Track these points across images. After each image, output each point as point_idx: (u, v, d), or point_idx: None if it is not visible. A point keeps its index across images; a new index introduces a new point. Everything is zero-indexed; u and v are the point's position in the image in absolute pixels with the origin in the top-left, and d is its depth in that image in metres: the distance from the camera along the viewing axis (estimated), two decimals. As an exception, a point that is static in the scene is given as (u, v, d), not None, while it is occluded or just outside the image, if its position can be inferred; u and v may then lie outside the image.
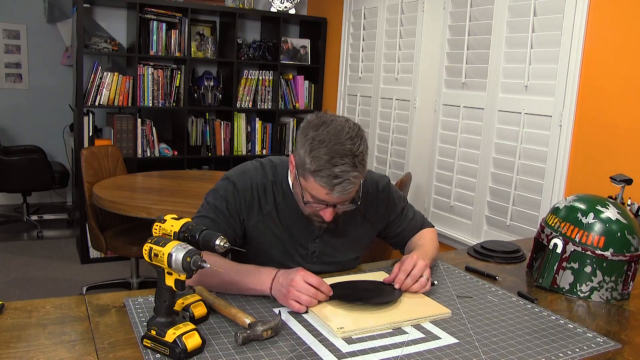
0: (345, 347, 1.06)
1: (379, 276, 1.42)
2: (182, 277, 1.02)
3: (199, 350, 1.01)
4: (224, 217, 1.37)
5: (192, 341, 1.00)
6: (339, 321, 1.15)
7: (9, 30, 4.99)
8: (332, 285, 1.28)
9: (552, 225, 1.47)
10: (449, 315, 1.23)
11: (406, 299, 1.29)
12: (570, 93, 2.34)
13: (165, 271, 1.03)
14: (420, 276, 1.32)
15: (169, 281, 1.03)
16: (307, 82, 4.50)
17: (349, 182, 1.21)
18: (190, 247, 1.01)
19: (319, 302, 1.22)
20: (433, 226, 1.68)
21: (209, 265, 1.02)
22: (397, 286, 1.31)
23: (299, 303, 1.19)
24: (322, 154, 1.20)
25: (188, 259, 0.99)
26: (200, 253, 1.02)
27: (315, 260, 1.47)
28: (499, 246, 1.74)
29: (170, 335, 0.99)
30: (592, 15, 2.26)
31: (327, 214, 1.29)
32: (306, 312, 1.20)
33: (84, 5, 3.73)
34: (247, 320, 1.08)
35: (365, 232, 1.54)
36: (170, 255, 1.00)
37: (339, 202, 1.28)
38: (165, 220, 1.11)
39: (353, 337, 1.11)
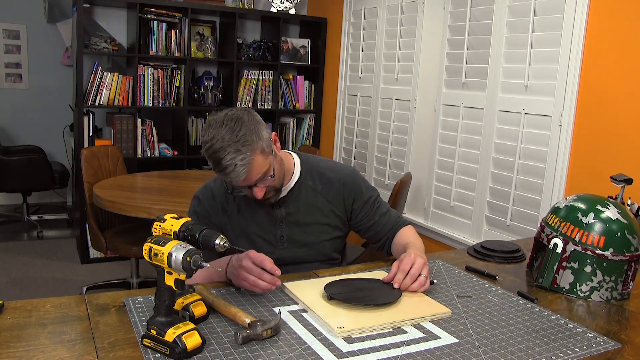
0: (345, 347, 1.06)
1: (378, 275, 1.42)
2: (182, 276, 1.02)
3: (198, 350, 1.01)
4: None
5: (192, 341, 1.00)
6: (338, 320, 1.15)
7: (9, 30, 4.99)
8: (331, 284, 1.29)
9: (552, 225, 1.47)
10: (449, 314, 1.23)
11: (406, 299, 1.29)
12: (570, 93, 2.34)
13: (165, 271, 1.03)
14: (419, 275, 1.33)
15: (169, 281, 1.03)
16: (307, 82, 4.50)
17: (239, 166, 1.32)
18: (190, 247, 1.01)
19: (271, 284, 1.27)
20: (410, 223, 1.69)
21: (208, 265, 1.02)
22: (396, 286, 1.32)
23: (248, 283, 1.27)
24: (211, 153, 1.34)
25: (188, 259, 0.99)
26: (200, 253, 1.02)
27: (286, 245, 1.55)
28: (499, 246, 1.74)
29: (170, 334, 0.99)
30: (592, 15, 2.26)
31: (256, 193, 1.41)
32: (262, 292, 1.28)
33: (84, 5, 3.73)
34: (247, 320, 1.08)
35: (331, 215, 1.60)
36: (170, 254, 1.00)
37: (251, 183, 1.39)
38: (165, 219, 1.11)
39: (353, 336, 1.11)
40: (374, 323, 1.15)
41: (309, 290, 1.31)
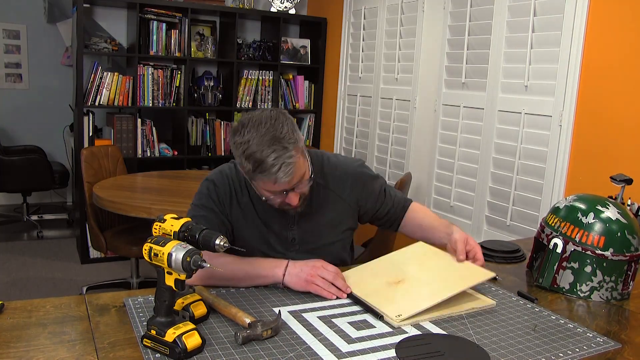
0: (345, 347, 1.06)
1: (418, 250, 1.50)
2: (182, 276, 1.02)
3: (198, 350, 1.01)
4: (214, 214, 1.45)
5: (192, 341, 1.00)
6: (393, 308, 1.19)
7: (9, 30, 4.99)
8: (404, 343, 1.12)
9: (552, 225, 1.47)
10: (492, 275, 1.36)
11: (447, 272, 1.36)
12: (570, 93, 2.34)
13: (165, 271, 1.03)
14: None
15: (169, 281, 1.03)
16: (307, 82, 4.50)
17: (286, 165, 1.26)
18: (190, 247, 1.01)
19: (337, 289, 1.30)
20: (412, 200, 1.71)
21: (208, 265, 1.02)
22: (462, 258, 1.40)
23: (318, 286, 1.29)
24: (252, 152, 1.26)
25: (188, 259, 0.99)
26: (200, 253, 1.02)
27: (298, 248, 1.50)
28: (499, 246, 1.74)
29: (170, 334, 0.99)
30: (592, 15, 2.26)
31: (292, 199, 1.35)
32: (335, 298, 1.29)
33: (84, 5, 3.73)
34: (247, 320, 1.08)
35: (344, 212, 1.57)
36: (170, 255, 1.00)
37: (293, 185, 1.32)
38: (165, 220, 1.11)
39: (353, 336, 1.11)
40: (429, 303, 1.21)
41: (355, 280, 1.36)
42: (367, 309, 1.23)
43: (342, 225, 1.58)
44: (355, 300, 1.28)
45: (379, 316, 1.19)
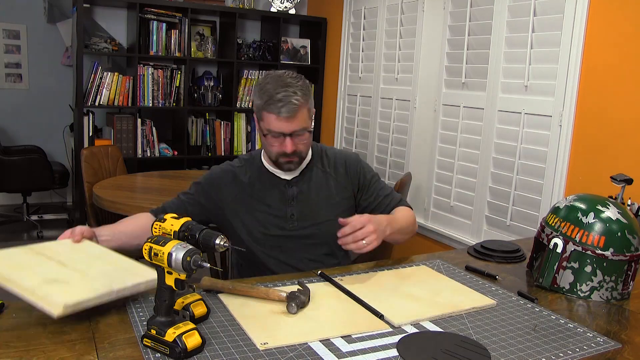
0: (345, 347, 1.06)
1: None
2: (182, 276, 1.02)
3: (199, 350, 1.01)
4: (188, 197, 1.65)
5: (192, 340, 1.00)
6: (264, 335, 1.08)
7: (9, 30, 4.98)
8: (406, 341, 1.09)
9: (553, 224, 1.47)
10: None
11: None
12: (570, 93, 2.34)
13: (165, 270, 1.03)
14: (362, 240, 1.37)
15: (169, 280, 1.03)
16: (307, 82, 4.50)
17: (291, 104, 1.44)
18: (190, 247, 1.01)
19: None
20: (411, 208, 1.74)
21: (208, 265, 1.02)
22: (340, 241, 1.39)
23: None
24: (267, 91, 1.47)
25: (188, 259, 0.99)
26: (200, 252, 1.02)
27: (296, 225, 1.61)
28: (499, 246, 1.74)
29: (170, 334, 0.99)
30: (592, 15, 2.26)
31: (287, 145, 1.50)
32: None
33: (84, 5, 3.73)
34: (283, 294, 1.13)
35: (341, 193, 1.67)
36: (170, 254, 1.00)
37: (291, 130, 1.48)
38: (165, 219, 1.11)
39: (353, 336, 1.11)
40: (295, 340, 1.08)
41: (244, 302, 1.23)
42: (368, 308, 1.23)
43: (340, 205, 1.66)
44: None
45: (379, 315, 1.19)
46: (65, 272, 1.17)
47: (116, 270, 1.22)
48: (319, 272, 1.43)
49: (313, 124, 1.56)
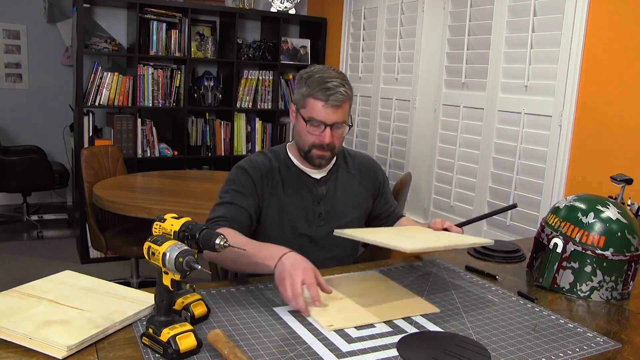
0: (345, 347, 1.06)
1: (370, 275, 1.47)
2: (177, 277, 1.01)
3: (193, 352, 1.00)
4: (241, 195, 1.54)
5: (186, 342, 0.99)
6: (325, 318, 1.16)
7: (9, 30, 4.99)
8: (406, 341, 1.11)
9: (553, 224, 1.47)
10: (438, 311, 1.25)
11: (388, 300, 1.30)
12: (570, 93, 2.34)
13: (162, 270, 1.03)
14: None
15: (166, 280, 1.03)
16: (307, 82, 4.50)
17: (340, 94, 1.47)
18: (185, 247, 1.00)
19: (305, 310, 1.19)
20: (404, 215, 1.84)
21: (199, 267, 1.00)
22: (440, 226, 1.55)
23: (290, 295, 1.19)
24: (315, 79, 1.49)
25: (180, 259, 0.98)
26: (194, 254, 1.01)
27: (323, 223, 1.62)
28: (499, 246, 1.74)
29: (165, 334, 0.99)
30: (592, 15, 2.26)
31: (326, 136, 1.50)
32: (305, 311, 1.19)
33: (84, 5, 3.73)
34: None
35: (362, 195, 1.71)
36: (164, 254, 0.99)
37: (334, 121, 1.49)
38: (165, 219, 1.11)
39: (353, 336, 1.11)
40: (362, 322, 1.17)
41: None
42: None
43: (362, 206, 1.71)
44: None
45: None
46: (60, 311, 1.10)
47: (114, 301, 1.17)
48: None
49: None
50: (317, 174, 1.63)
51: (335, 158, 1.67)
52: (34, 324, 1.03)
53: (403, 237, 1.43)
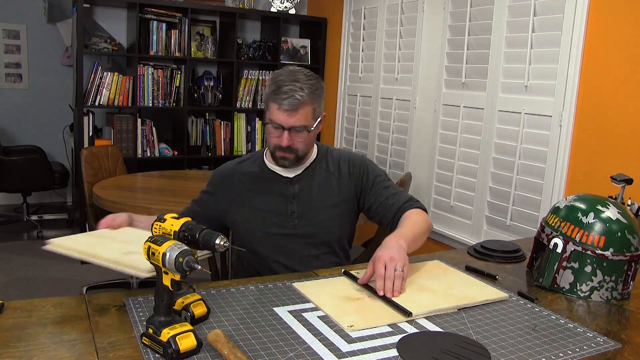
0: (345, 347, 1.06)
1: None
2: (177, 277, 1.01)
3: (193, 352, 1.00)
4: (201, 204, 1.71)
5: (186, 342, 0.99)
6: (346, 319, 1.17)
7: (9, 30, 4.98)
8: (405, 342, 1.10)
9: (553, 224, 1.47)
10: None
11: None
12: (570, 93, 2.34)
13: (162, 270, 1.03)
14: (395, 270, 1.29)
15: (166, 281, 1.03)
16: (307, 82, 4.50)
17: (294, 99, 1.47)
18: (185, 248, 1.00)
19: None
20: (423, 208, 1.64)
21: (199, 267, 1.00)
22: (380, 293, 1.27)
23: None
24: (275, 82, 1.51)
25: (180, 259, 0.98)
26: (195, 254, 1.01)
27: (296, 222, 1.61)
28: (499, 246, 1.73)
29: (165, 334, 0.99)
30: (592, 15, 2.26)
31: (283, 139, 1.51)
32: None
33: (84, 5, 3.73)
34: None
35: (342, 193, 1.66)
36: (164, 254, 0.99)
37: (290, 125, 1.50)
38: (165, 219, 1.11)
39: (353, 336, 1.11)
40: (380, 322, 1.17)
41: (316, 291, 1.32)
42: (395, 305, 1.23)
43: (341, 206, 1.66)
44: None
45: (407, 313, 1.20)
46: (133, 247, 1.27)
47: None
48: (342, 270, 1.45)
49: (319, 126, 1.57)
50: (290, 173, 1.63)
51: (314, 158, 1.66)
52: (118, 253, 1.27)
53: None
